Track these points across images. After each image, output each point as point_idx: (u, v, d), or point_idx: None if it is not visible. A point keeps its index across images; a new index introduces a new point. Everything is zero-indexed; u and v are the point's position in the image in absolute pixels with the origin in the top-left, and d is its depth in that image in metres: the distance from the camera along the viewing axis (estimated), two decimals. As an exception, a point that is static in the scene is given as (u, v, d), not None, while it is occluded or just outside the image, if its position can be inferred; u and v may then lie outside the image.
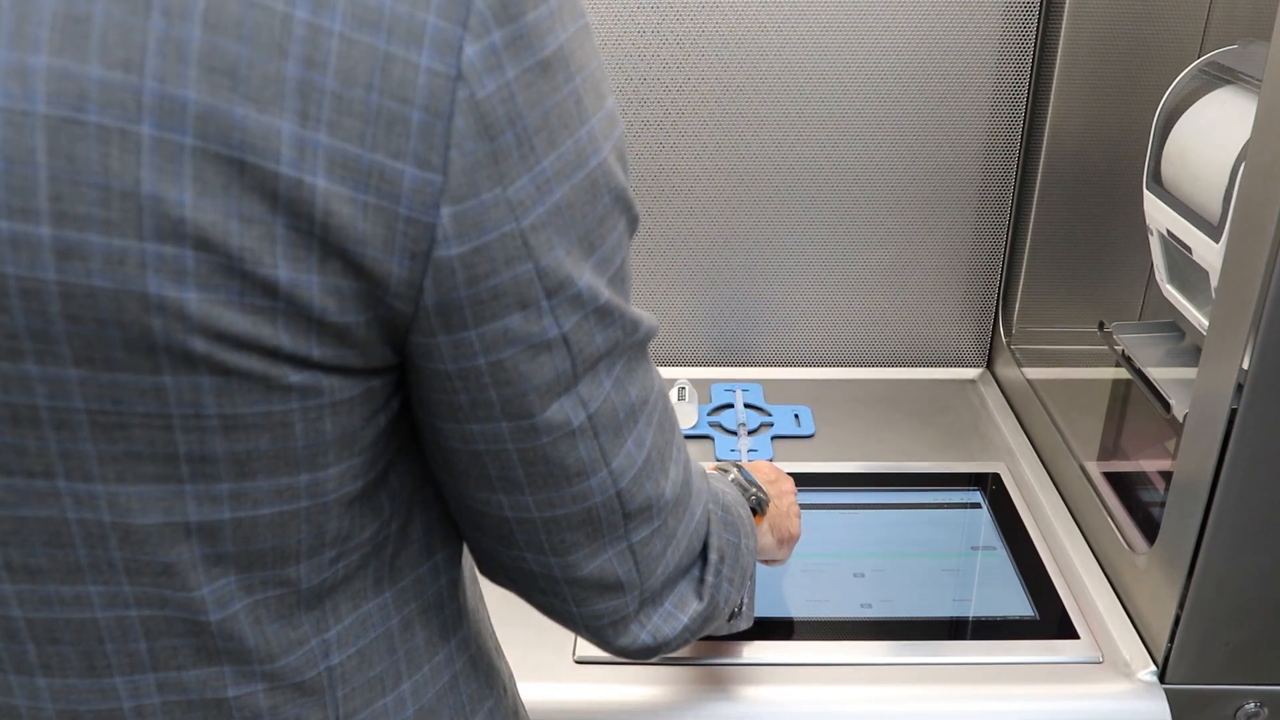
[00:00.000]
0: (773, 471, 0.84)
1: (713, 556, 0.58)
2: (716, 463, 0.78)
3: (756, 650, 0.83)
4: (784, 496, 0.83)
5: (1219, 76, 0.89)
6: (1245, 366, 0.68)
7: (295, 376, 0.40)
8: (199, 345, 0.38)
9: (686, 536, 0.55)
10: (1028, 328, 1.22)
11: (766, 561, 0.81)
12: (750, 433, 1.13)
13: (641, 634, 0.55)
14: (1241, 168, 0.75)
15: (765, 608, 0.87)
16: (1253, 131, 0.67)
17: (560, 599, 0.53)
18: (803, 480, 1.05)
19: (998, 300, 1.25)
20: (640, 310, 0.50)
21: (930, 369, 1.28)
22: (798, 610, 0.88)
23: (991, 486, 1.04)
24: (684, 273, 1.24)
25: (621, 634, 0.55)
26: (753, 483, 0.76)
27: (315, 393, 0.41)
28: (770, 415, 1.17)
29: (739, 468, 0.77)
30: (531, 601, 0.54)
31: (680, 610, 0.56)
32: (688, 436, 1.13)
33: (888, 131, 1.17)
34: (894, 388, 1.25)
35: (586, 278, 0.44)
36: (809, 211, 1.21)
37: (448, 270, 0.40)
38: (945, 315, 1.27)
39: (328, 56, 0.36)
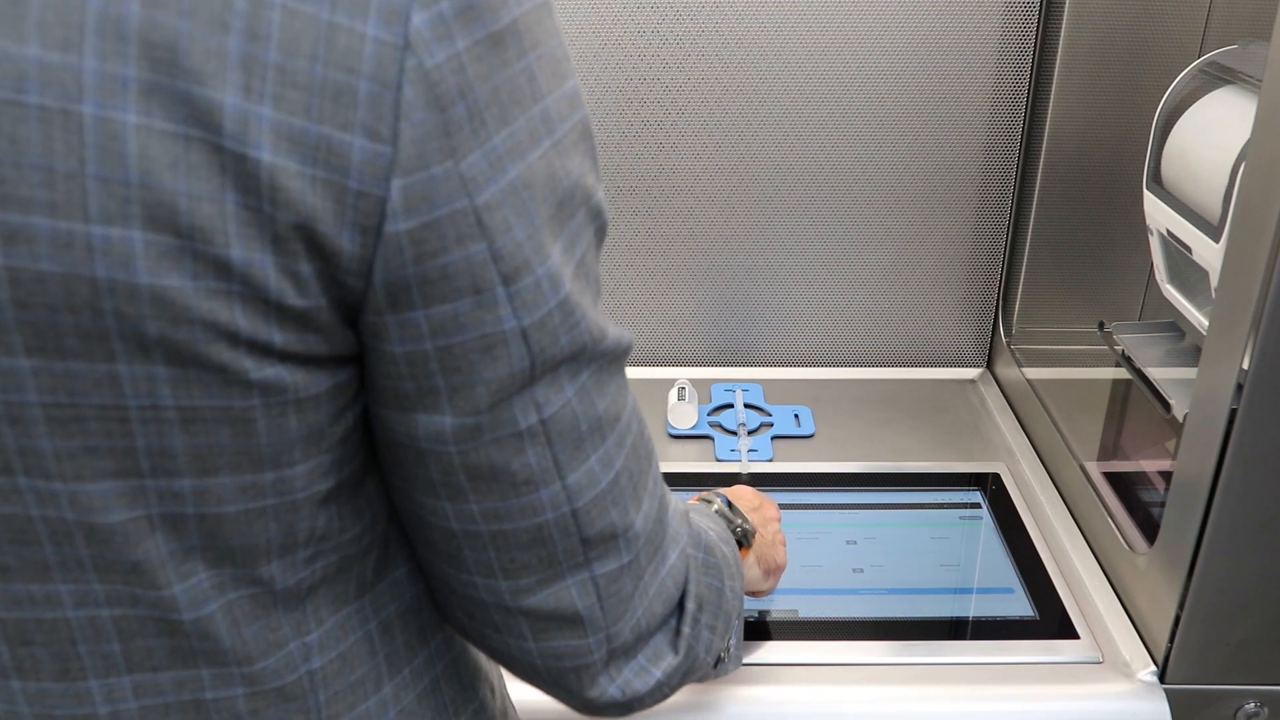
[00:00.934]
0: (755, 498, 0.82)
1: (690, 605, 0.54)
2: (698, 494, 0.76)
3: (756, 650, 0.83)
4: (768, 524, 0.80)
5: (1219, 76, 0.89)
6: (1245, 366, 0.68)
7: (256, 373, 0.39)
8: (152, 330, 0.37)
9: (658, 582, 0.52)
10: (1028, 328, 1.22)
11: (752, 593, 0.79)
12: (750, 433, 1.13)
13: (610, 687, 0.52)
14: (1241, 168, 0.75)
15: (762, 601, 0.87)
16: (1253, 131, 0.67)
17: (517, 635, 0.50)
18: (803, 480, 1.05)
19: (998, 300, 1.25)
20: (613, 323, 0.48)
21: (930, 369, 1.28)
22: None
23: (991, 486, 1.04)
24: (684, 273, 1.24)
25: (587, 684, 0.51)
26: (738, 513, 0.74)
27: (278, 390, 0.40)
28: (770, 415, 1.17)
29: (722, 497, 0.75)
30: (490, 649, 0.52)
31: (654, 664, 0.53)
32: (687, 436, 1.13)
33: (888, 131, 1.17)
34: (894, 388, 1.25)
35: (547, 266, 0.42)
36: (809, 211, 1.21)
37: (395, 246, 0.39)
38: (945, 315, 1.27)
39: (270, 29, 0.36)
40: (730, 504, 0.74)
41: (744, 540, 0.73)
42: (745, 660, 0.82)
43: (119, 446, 0.40)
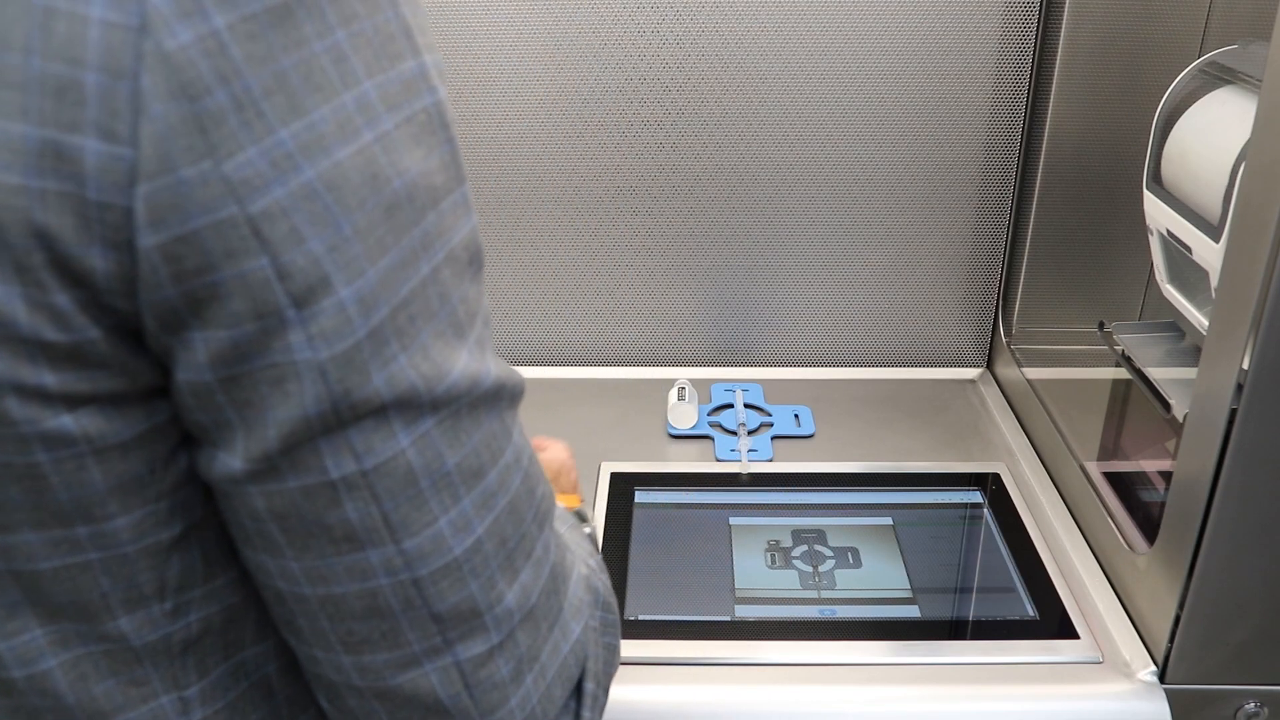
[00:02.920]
0: (552, 465, 0.71)
1: (589, 686, 0.47)
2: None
3: (756, 650, 0.83)
4: (555, 465, 0.70)
5: (1219, 76, 0.88)
6: (1245, 366, 0.68)
7: (31, 426, 0.35)
8: None
9: (559, 662, 0.45)
10: (1028, 328, 1.22)
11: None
12: (750, 433, 1.13)
13: None
14: (1241, 168, 0.75)
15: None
16: (1253, 131, 0.67)
17: None
18: (803, 480, 1.05)
19: (998, 300, 1.25)
20: (486, 359, 0.41)
21: (930, 369, 1.28)
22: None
23: (991, 486, 1.04)
24: (684, 273, 1.24)
25: None
26: (584, 519, 0.65)
27: (65, 442, 0.36)
28: (770, 415, 1.17)
29: (577, 514, 0.64)
30: None
31: None
32: (687, 436, 1.13)
33: (888, 131, 1.17)
34: (894, 388, 1.25)
35: (357, 286, 0.36)
36: (809, 211, 1.21)
37: (150, 265, 0.33)
38: (945, 315, 1.27)
39: None
40: (579, 513, 0.65)
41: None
42: (745, 660, 0.82)
43: None
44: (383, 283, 0.36)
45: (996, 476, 1.06)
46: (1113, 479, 0.97)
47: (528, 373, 1.26)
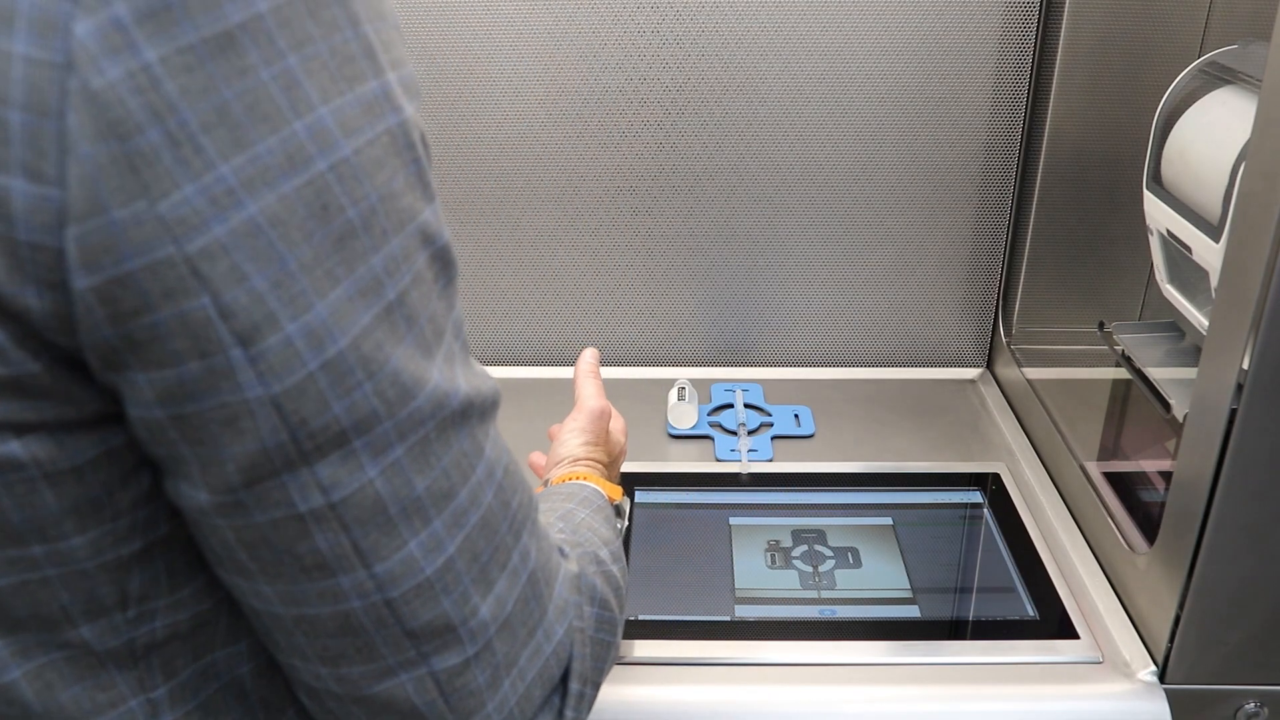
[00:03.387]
0: (610, 449, 0.72)
1: (574, 686, 0.48)
2: (554, 480, 0.67)
3: (755, 650, 0.83)
4: (616, 449, 0.73)
5: (1219, 76, 0.88)
6: (1245, 366, 0.68)
7: None
8: None
9: (539, 664, 0.46)
10: (1028, 328, 1.22)
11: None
12: (750, 433, 1.13)
13: None
14: (1241, 168, 0.75)
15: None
16: (1253, 131, 0.67)
17: None
18: (803, 480, 1.05)
19: (998, 300, 1.25)
20: (459, 376, 0.41)
21: (930, 369, 1.28)
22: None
23: (991, 486, 1.04)
24: (684, 273, 1.24)
25: None
26: (620, 512, 0.66)
27: (13, 467, 0.35)
28: (770, 415, 1.17)
29: (585, 485, 0.65)
30: None
31: None
32: (687, 436, 1.13)
33: (888, 131, 1.17)
34: (894, 388, 1.25)
35: (305, 320, 0.35)
36: (809, 211, 1.21)
37: (85, 306, 0.33)
38: (945, 315, 1.27)
39: None
40: (618, 508, 0.67)
41: (619, 514, 0.67)
42: (745, 660, 0.82)
43: None
44: (336, 314, 0.36)
45: (996, 476, 1.06)
46: (1113, 479, 0.97)
47: (527, 373, 1.27)
